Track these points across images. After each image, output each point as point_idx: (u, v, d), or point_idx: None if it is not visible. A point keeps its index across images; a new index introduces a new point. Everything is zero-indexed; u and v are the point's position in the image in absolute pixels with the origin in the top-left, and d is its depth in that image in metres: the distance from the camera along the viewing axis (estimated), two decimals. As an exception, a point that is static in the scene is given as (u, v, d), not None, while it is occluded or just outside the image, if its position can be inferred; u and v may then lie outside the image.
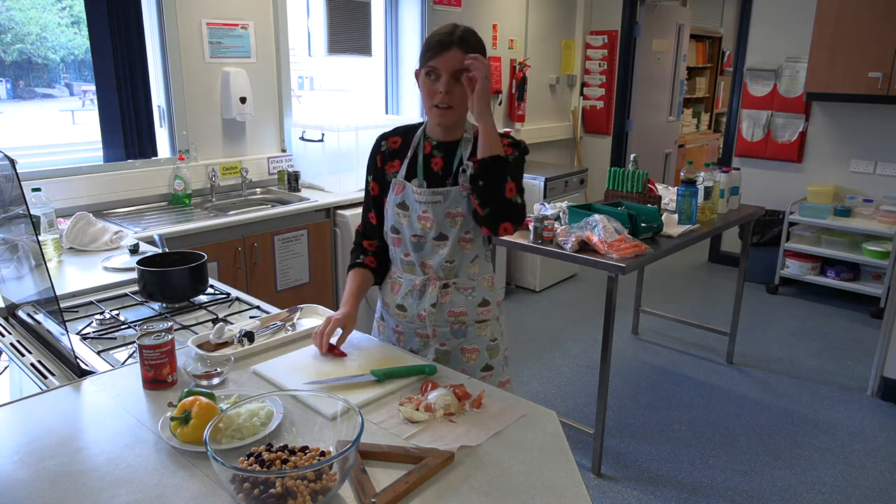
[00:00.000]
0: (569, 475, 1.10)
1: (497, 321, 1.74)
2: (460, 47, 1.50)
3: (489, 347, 1.71)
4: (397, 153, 1.68)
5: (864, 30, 4.13)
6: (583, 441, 2.81)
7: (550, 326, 4.18)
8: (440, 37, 1.52)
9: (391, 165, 1.68)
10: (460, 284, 1.65)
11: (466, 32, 1.53)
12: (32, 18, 3.07)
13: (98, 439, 1.19)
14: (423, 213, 1.60)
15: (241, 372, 1.46)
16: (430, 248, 1.63)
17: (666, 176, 6.50)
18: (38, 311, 1.61)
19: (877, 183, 4.56)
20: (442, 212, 1.60)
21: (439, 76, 1.52)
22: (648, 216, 2.86)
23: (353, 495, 1.04)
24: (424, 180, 1.62)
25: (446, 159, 1.63)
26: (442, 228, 1.61)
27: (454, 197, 1.59)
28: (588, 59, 5.88)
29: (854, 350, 3.89)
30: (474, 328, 1.69)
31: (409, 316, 1.69)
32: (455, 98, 1.54)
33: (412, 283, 1.67)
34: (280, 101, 3.73)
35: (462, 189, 1.57)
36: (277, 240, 3.20)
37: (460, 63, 1.50)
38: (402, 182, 1.64)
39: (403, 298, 1.69)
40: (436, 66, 1.52)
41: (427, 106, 1.58)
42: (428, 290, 1.65)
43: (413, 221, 1.63)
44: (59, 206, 2.72)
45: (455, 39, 1.50)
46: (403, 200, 1.63)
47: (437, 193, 1.59)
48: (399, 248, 1.68)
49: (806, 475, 2.69)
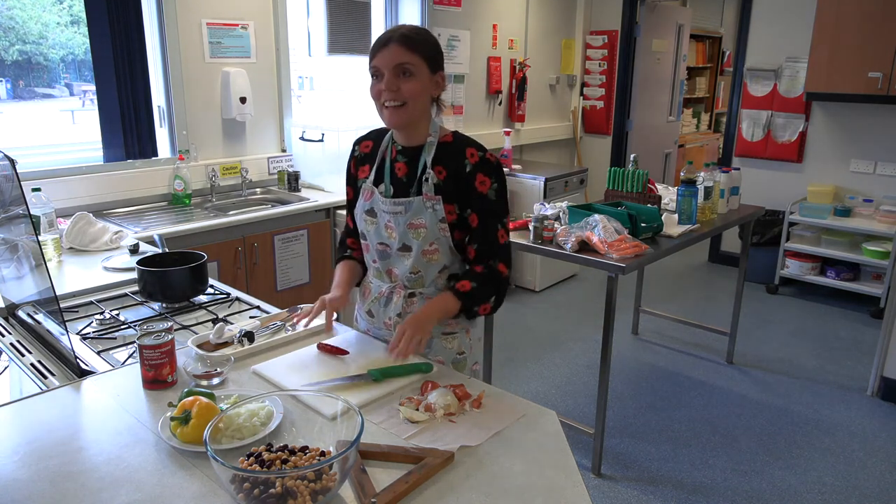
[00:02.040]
0: (569, 475, 1.10)
1: (467, 334, 1.66)
2: (399, 43, 1.44)
3: (455, 361, 1.65)
4: (368, 158, 1.65)
5: (864, 30, 4.13)
6: (583, 441, 2.81)
7: (550, 326, 4.18)
8: (381, 37, 1.47)
9: (362, 170, 1.65)
10: (427, 294, 1.60)
11: (410, 29, 1.47)
12: (32, 18, 3.07)
13: (98, 439, 1.19)
14: (388, 222, 1.56)
15: (241, 372, 1.46)
16: (395, 257, 1.60)
17: (666, 176, 6.50)
18: (38, 311, 1.61)
19: (877, 183, 4.56)
20: (404, 223, 1.54)
21: (382, 75, 1.46)
22: (648, 216, 2.86)
23: (353, 495, 1.04)
24: (391, 186, 1.57)
25: (410, 165, 1.56)
26: (405, 239, 1.55)
27: (416, 207, 1.52)
28: (588, 59, 5.88)
29: (854, 350, 3.89)
30: (440, 340, 1.63)
31: (376, 322, 1.68)
32: (403, 93, 1.45)
33: (379, 290, 1.65)
34: (280, 101, 3.73)
35: (425, 199, 1.52)
36: (277, 240, 3.20)
37: (403, 57, 1.43)
38: (370, 188, 1.59)
39: (371, 304, 1.68)
40: (377, 65, 1.46)
41: (378, 109, 1.51)
42: (394, 298, 1.62)
43: (381, 229, 1.59)
44: (59, 206, 2.72)
45: (395, 36, 1.45)
46: (372, 207, 1.59)
47: (399, 204, 1.54)
48: (368, 254, 1.67)
49: (806, 475, 2.69)
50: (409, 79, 1.45)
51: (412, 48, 1.45)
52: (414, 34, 1.46)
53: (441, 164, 1.53)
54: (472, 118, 4.94)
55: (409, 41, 1.45)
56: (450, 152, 1.54)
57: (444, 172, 1.53)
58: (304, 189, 3.67)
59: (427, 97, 1.51)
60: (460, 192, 1.53)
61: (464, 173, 1.52)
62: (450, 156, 1.54)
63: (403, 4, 4.43)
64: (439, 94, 1.55)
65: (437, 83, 1.52)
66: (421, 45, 1.46)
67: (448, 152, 1.54)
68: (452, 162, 1.53)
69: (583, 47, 5.85)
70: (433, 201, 1.51)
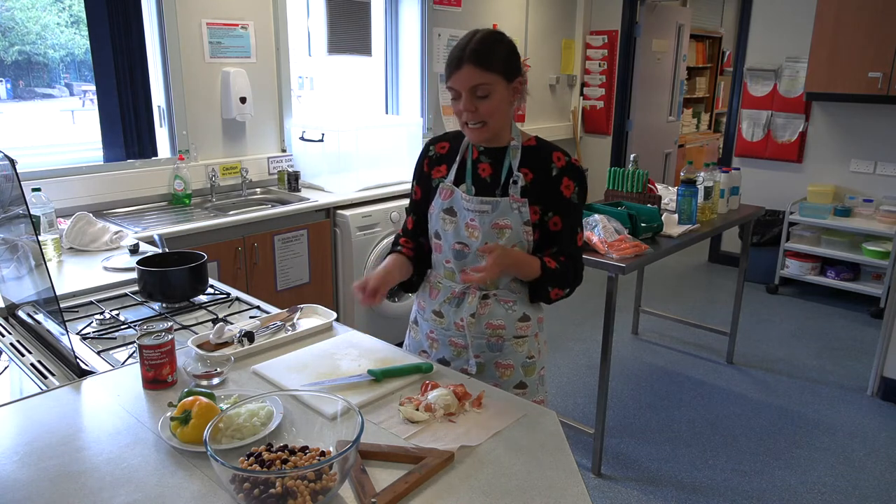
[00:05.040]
0: (569, 475, 1.10)
1: (536, 338, 1.66)
2: (472, 63, 1.43)
3: (525, 365, 1.64)
4: (445, 158, 1.65)
5: (864, 30, 4.13)
6: (583, 441, 2.81)
7: (550, 326, 4.18)
8: (454, 52, 1.46)
9: (438, 170, 1.65)
10: (501, 297, 1.59)
11: (480, 42, 1.44)
12: (32, 18, 3.07)
13: (98, 439, 1.19)
14: (471, 220, 1.55)
15: (241, 372, 1.46)
16: (472, 257, 1.57)
17: (666, 176, 6.50)
18: (38, 311, 1.61)
19: (877, 183, 4.56)
20: (489, 222, 1.53)
21: (459, 95, 1.47)
22: (648, 216, 2.86)
23: (353, 495, 1.04)
24: (473, 185, 1.58)
25: (494, 166, 1.57)
26: (488, 239, 1.54)
27: (503, 208, 1.53)
28: (588, 59, 5.88)
29: (854, 350, 3.89)
30: (511, 343, 1.62)
31: (445, 323, 1.64)
32: (482, 114, 1.47)
33: (451, 290, 1.62)
34: (280, 101, 3.73)
35: (512, 201, 1.52)
36: (277, 240, 3.20)
37: (477, 78, 1.43)
38: (450, 186, 1.59)
39: (441, 305, 1.64)
40: (452, 86, 1.47)
41: (461, 125, 1.54)
42: (467, 298, 1.59)
43: (460, 229, 1.58)
44: (59, 206, 2.72)
45: (466, 55, 1.43)
46: (451, 206, 1.58)
47: (486, 203, 1.54)
48: (440, 254, 1.64)
49: (806, 475, 2.69)
50: (486, 99, 1.46)
51: (486, 66, 1.43)
52: (485, 49, 1.44)
53: (527, 167, 1.55)
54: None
55: (481, 60, 1.43)
56: (536, 156, 1.56)
57: (531, 175, 1.54)
58: (304, 189, 3.67)
59: (508, 107, 1.52)
60: (546, 195, 1.55)
61: (550, 177, 1.54)
62: (536, 159, 1.56)
63: (403, 4, 4.43)
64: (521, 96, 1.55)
65: (515, 89, 1.51)
66: (495, 61, 1.44)
67: (534, 156, 1.56)
68: (539, 165, 1.55)
69: (583, 47, 5.85)
70: (519, 203, 1.53)
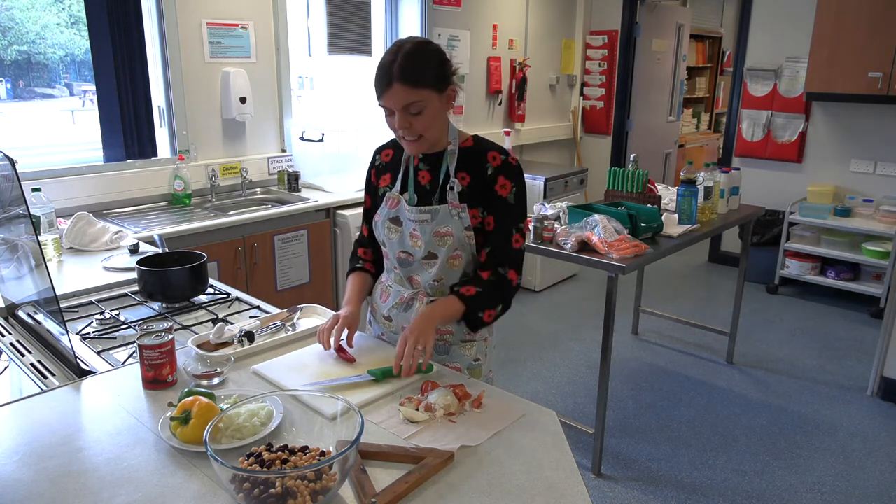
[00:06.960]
0: (569, 475, 1.10)
1: (484, 342, 1.66)
2: (402, 81, 1.38)
3: (471, 367, 1.64)
4: (389, 166, 1.64)
5: (864, 30, 4.13)
6: (583, 441, 2.81)
7: (550, 326, 4.18)
8: (382, 69, 1.41)
9: (384, 179, 1.64)
10: None
11: (407, 59, 1.38)
12: (32, 18, 3.06)
13: (98, 439, 1.19)
14: (413, 230, 1.55)
15: (241, 372, 1.46)
16: (417, 265, 1.58)
17: (666, 176, 6.50)
18: (38, 311, 1.61)
19: (877, 183, 4.56)
20: (430, 231, 1.52)
21: (393, 112, 1.44)
22: (648, 216, 2.86)
23: (353, 495, 1.04)
24: (415, 194, 1.57)
25: (432, 173, 1.55)
26: (431, 248, 1.54)
27: (442, 216, 1.51)
28: (588, 59, 5.88)
29: (854, 350, 3.89)
30: (458, 347, 1.62)
31: (394, 327, 1.67)
32: (417, 129, 1.44)
33: (400, 296, 1.64)
34: (280, 101, 3.73)
35: (451, 207, 1.51)
36: (277, 240, 3.20)
37: (409, 97, 1.39)
38: (396, 196, 1.58)
39: (390, 310, 1.66)
40: (385, 104, 1.43)
41: (398, 138, 1.51)
42: (415, 305, 1.61)
43: (405, 238, 1.57)
44: (59, 206, 2.72)
45: (395, 73, 1.38)
46: (397, 215, 1.58)
47: (425, 212, 1.52)
48: (387, 260, 1.66)
49: (806, 475, 2.69)
50: (420, 116, 1.43)
51: (416, 84, 1.39)
52: (412, 65, 1.38)
53: (464, 170, 1.53)
54: (473, 118, 4.94)
55: (411, 78, 1.38)
56: (471, 157, 1.54)
57: (468, 178, 1.53)
58: (304, 189, 3.67)
59: (443, 116, 1.50)
60: (483, 196, 1.52)
61: (485, 177, 1.52)
62: (472, 161, 1.53)
63: (403, 4, 4.43)
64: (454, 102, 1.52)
65: (448, 97, 1.48)
66: (425, 77, 1.40)
67: (470, 157, 1.54)
68: (475, 167, 1.53)
69: (583, 47, 5.85)
70: (458, 209, 1.51)
